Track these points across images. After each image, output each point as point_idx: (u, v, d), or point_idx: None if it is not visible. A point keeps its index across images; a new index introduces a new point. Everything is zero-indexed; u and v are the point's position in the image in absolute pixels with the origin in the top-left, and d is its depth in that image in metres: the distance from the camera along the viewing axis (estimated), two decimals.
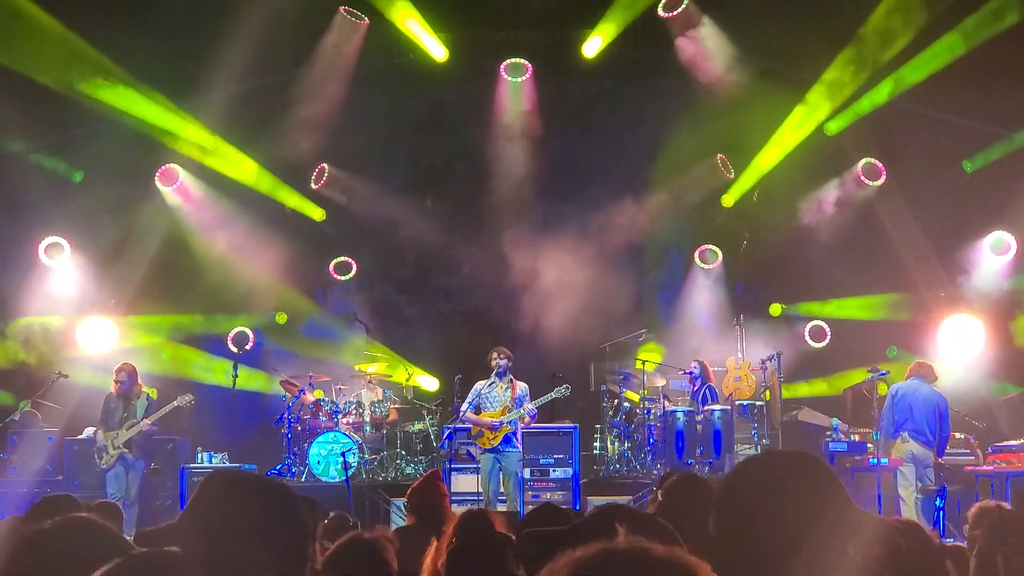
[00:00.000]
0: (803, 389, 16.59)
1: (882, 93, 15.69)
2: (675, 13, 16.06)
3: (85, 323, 15.69)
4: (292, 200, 17.40)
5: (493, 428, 12.56)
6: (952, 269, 15.83)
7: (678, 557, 1.85)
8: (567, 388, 13.05)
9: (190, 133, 16.03)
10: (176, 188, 16.47)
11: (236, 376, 14.85)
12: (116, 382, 13.02)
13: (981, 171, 15.93)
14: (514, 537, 4.63)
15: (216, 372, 16.50)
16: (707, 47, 16.04)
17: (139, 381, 13.23)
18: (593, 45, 16.56)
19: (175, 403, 13.12)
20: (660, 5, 16.09)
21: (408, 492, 7.48)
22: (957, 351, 15.03)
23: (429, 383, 17.17)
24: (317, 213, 17.66)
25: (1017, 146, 15.35)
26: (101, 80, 14.71)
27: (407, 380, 16.17)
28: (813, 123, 16.21)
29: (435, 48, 16.52)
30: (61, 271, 15.88)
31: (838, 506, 2.59)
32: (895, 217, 16.14)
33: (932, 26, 14.45)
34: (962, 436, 13.26)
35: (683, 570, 1.83)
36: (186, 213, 16.66)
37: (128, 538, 3.56)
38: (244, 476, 3.20)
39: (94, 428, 13.33)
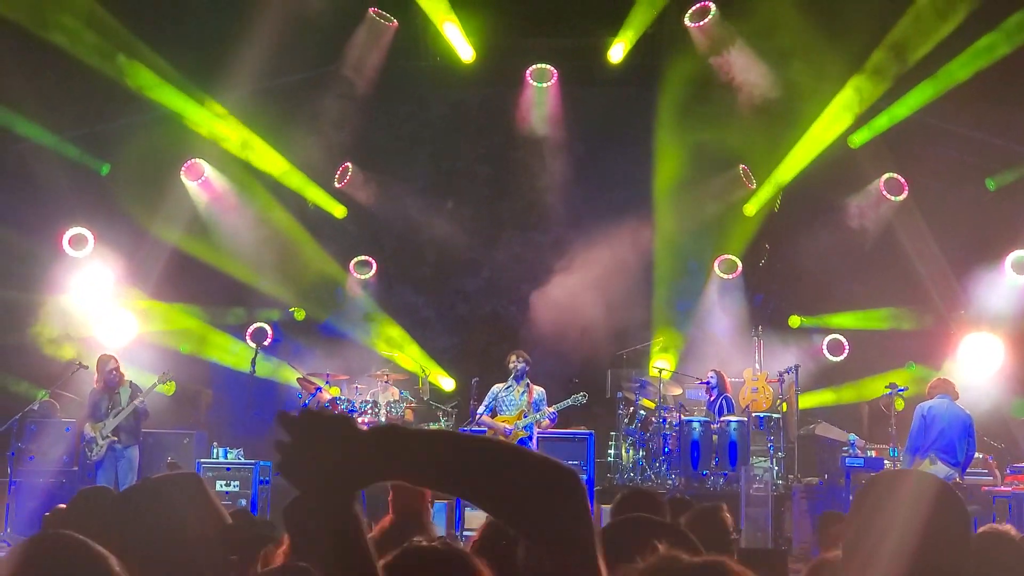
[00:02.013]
0: (820, 398, 16.54)
1: (906, 106, 15.63)
2: (701, 24, 16.04)
3: (106, 314, 15.76)
4: (315, 197, 17.47)
5: (507, 434, 12.58)
6: (972, 287, 15.76)
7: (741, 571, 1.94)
8: (584, 396, 13.08)
9: (218, 126, 16.12)
10: (201, 183, 16.57)
11: (255, 368, 14.96)
12: (109, 371, 13.16)
13: (1005, 189, 15.88)
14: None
15: (236, 357, 16.59)
16: (735, 61, 16.01)
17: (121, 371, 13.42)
18: (618, 50, 16.58)
19: (155, 382, 13.41)
20: (687, 15, 16.09)
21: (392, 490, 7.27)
22: (976, 369, 14.96)
23: (445, 383, 17.22)
24: (339, 211, 17.72)
25: None
26: (136, 65, 14.82)
27: (423, 375, 16.19)
28: (836, 135, 16.15)
29: (464, 49, 16.53)
30: (85, 262, 15.95)
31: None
32: (916, 233, 16.09)
33: (956, 37, 14.30)
34: (980, 456, 13.15)
35: None
36: (210, 207, 16.75)
37: None
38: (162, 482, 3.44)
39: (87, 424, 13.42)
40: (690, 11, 16.06)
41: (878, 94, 15.48)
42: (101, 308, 15.75)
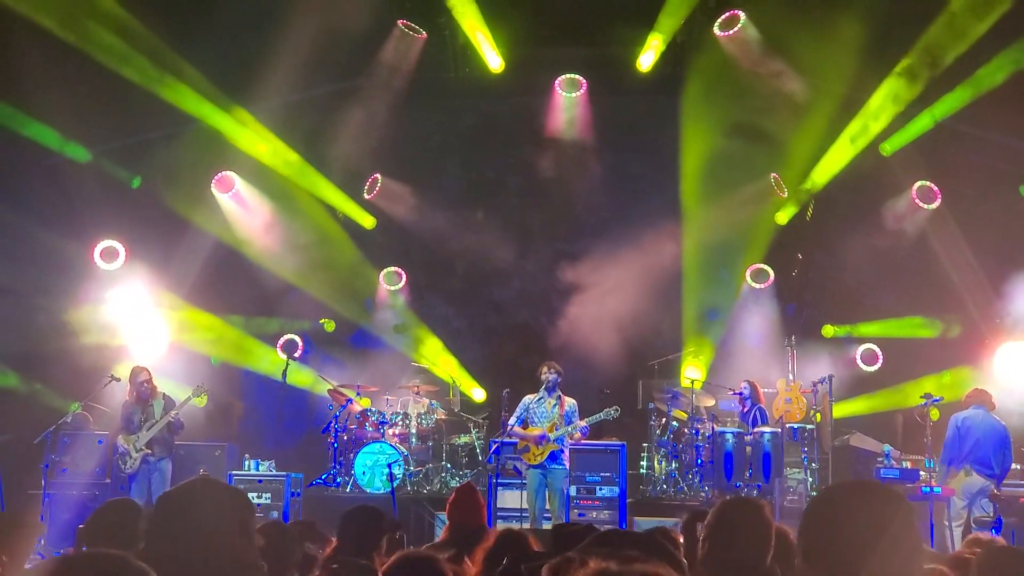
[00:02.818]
0: (854, 406, 16.38)
1: (939, 112, 15.47)
2: (731, 33, 15.97)
3: (138, 325, 15.81)
4: (345, 207, 17.50)
5: (539, 441, 12.51)
6: (1008, 295, 15.57)
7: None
8: (616, 410, 12.97)
9: (249, 138, 16.17)
10: (232, 195, 16.62)
11: (285, 378, 15.04)
12: (141, 383, 13.22)
13: None
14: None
15: (268, 366, 16.62)
16: (764, 68, 15.90)
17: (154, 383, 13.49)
18: (648, 58, 16.53)
19: (190, 395, 13.48)
20: (715, 24, 16.01)
21: (448, 507, 7.52)
22: (1012, 378, 14.76)
23: (476, 393, 17.21)
24: (368, 221, 17.73)
25: None
26: (168, 78, 14.88)
27: (453, 385, 16.21)
28: (868, 141, 15.99)
29: (493, 60, 16.52)
30: (116, 275, 16.01)
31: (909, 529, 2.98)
32: (950, 241, 15.93)
33: (989, 40, 14.07)
34: (1017, 467, 13.01)
35: None
36: (240, 219, 16.80)
37: None
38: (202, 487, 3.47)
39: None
40: (719, 20, 15.98)
41: (911, 99, 15.32)
42: (133, 320, 15.80)
